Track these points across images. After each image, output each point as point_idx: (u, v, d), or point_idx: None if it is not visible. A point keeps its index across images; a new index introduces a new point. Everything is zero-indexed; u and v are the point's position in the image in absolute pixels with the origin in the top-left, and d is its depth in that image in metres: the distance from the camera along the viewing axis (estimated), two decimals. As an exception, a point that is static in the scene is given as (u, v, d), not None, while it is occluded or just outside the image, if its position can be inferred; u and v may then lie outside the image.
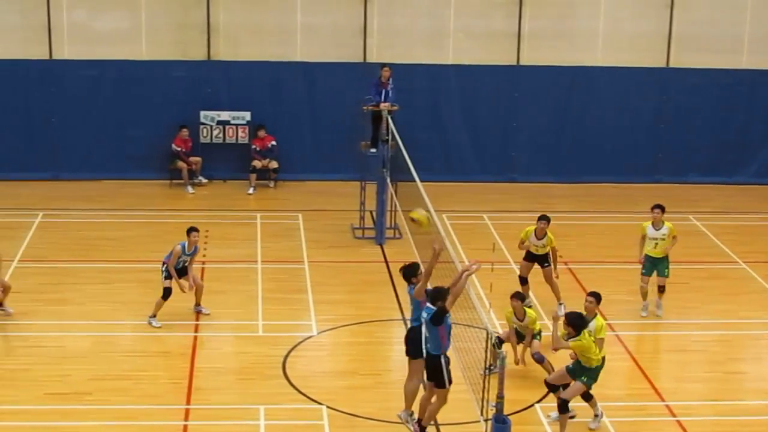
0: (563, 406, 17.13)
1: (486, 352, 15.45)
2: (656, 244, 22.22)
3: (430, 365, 15.92)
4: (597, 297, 18.72)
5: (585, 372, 17.18)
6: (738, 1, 31.01)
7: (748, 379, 20.43)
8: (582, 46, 31.05)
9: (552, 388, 17.75)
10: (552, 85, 31.00)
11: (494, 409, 14.75)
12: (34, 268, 23.70)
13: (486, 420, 15.13)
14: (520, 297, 19.59)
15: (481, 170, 30.93)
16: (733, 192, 30.75)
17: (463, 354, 17.53)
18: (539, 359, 19.07)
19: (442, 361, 15.74)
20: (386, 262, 24.86)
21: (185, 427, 17.65)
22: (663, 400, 19.07)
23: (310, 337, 21.11)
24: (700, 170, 31.00)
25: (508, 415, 14.90)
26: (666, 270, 22.36)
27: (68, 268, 23.67)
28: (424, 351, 16.01)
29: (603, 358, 17.39)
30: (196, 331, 21.14)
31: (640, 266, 22.45)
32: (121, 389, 18.76)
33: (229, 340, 20.94)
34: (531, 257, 22.28)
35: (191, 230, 21.55)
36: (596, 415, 17.79)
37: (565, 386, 17.38)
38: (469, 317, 17.73)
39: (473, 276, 17.90)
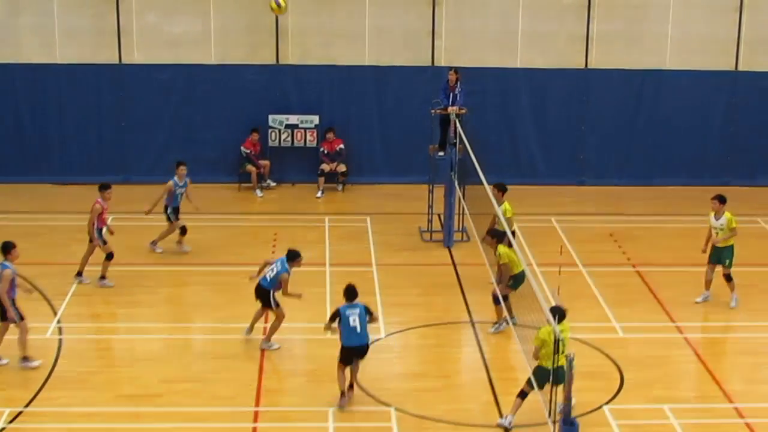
0: (497, 299, 20.88)
1: (554, 355, 15.45)
2: (717, 233, 22.76)
3: None
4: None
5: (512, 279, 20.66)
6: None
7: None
8: (651, 49, 30.93)
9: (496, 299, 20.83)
10: (621, 88, 30.92)
11: (562, 411, 14.77)
12: (108, 272, 23.88)
13: (554, 422, 15.14)
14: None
15: (551, 173, 30.92)
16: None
17: (530, 357, 17.58)
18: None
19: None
20: (454, 265, 24.91)
21: (254, 429, 17.79)
22: (731, 402, 19.00)
23: (378, 339, 21.15)
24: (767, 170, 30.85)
25: (577, 417, 14.91)
26: (727, 260, 22.75)
27: (139, 270, 23.93)
28: None
29: (523, 271, 19.72)
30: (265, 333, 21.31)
31: (702, 250, 23.12)
32: (192, 391, 18.93)
33: (297, 343, 21.05)
34: None
35: (179, 163, 25.06)
36: (496, 323, 20.94)
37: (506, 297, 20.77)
38: (536, 319, 17.77)
39: (541, 279, 17.90)
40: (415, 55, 30.48)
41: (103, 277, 23.27)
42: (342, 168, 30.15)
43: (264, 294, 20.57)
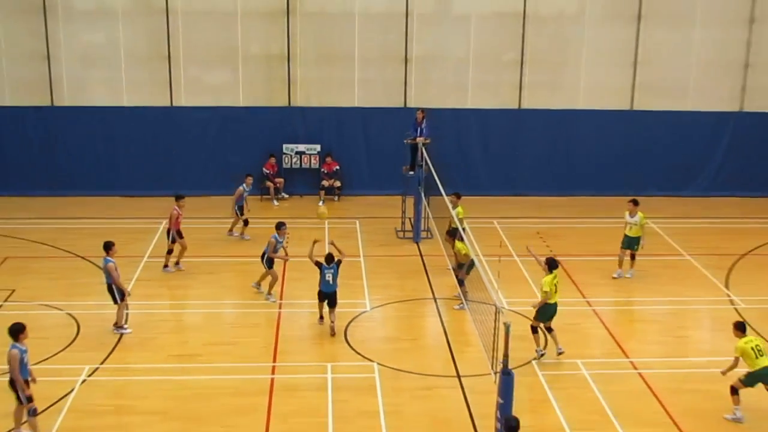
0: (461, 283, 21.12)
1: (495, 322, 15.57)
2: (630, 227, 23.32)
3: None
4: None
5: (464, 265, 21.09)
6: (684, 60, 30.82)
7: (691, 341, 20.45)
8: (568, 94, 30.93)
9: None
10: (546, 123, 30.89)
11: (502, 364, 14.87)
12: (160, 262, 23.82)
13: (495, 373, 15.24)
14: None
15: (493, 187, 30.88)
16: (681, 202, 30.61)
17: (479, 324, 17.68)
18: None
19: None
20: (421, 256, 24.97)
21: (272, 379, 17.91)
22: (628, 358, 19.14)
23: (364, 312, 21.28)
24: (656, 186, 30.85)
25: (512, 368, 15.03)
26: (636, 246, 23.46)
27: (185, 261, 23.89)
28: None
29: (473, 260, 19.76)
30: (280, 308, 21.37)
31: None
32: (225, 352, 19.06)
33: (305, 315, 21.09)
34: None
35: (247, 175, 26.50)
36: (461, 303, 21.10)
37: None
38: (482, 297, 17.86)
39: (486, 266, 17.98)
40: (392, 99, 30.47)
41: (165, 266, 23.57)
42: (338, 183, 30.19)
43: (262, 257, 21.81)
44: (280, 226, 22.10)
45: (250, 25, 29.83)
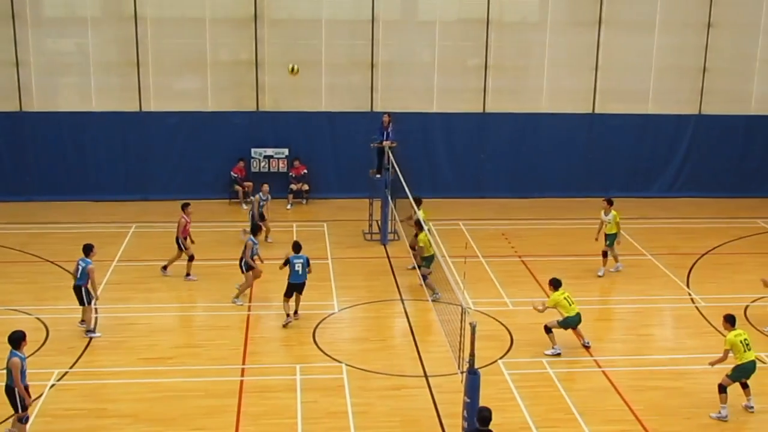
0: (425, 278, 21.70)
1: (461, 323, 15.47)
2: (606, 225, 23.68)
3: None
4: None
5: (425, 260, 21.53)
6: (644, 64, 30.96)
7: (654, 339, 20.47)
8: (531, 98, 30.96)
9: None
10: (510, 126, 30.90)
11: (468, 364, 14.78)
12: (130, 266, 23.69)
13: (462, 372, 15.15)
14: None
15: (458, 189, 30.84)
16: (643, 203, 30.71)
17: (445, 324, 17.61)
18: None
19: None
20: (388, 257, 24.86)
21: (242, 381, 17.72)
22: (592, 356, 19.11)
23: (333, 313, 21.13)
24: (618, 187, 30.90)
25: (478, 368, 14.94)
26: (608, 242, 23.75)
27: (155, 265, 23.63)
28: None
29: (433, 254, 20.74)
30: (249, 310, 21.17)
31: (596, 240, 24.09)
32: (195, 354, 18.85)
33: (273, 317, 20.92)
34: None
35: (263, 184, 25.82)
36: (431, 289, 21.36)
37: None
38: (448, 297, 17.79)
39: (452, 267, 17.85)
40: (358, 103, 30.35)
41: (188, 274, 23.01)
42: (306, 187, 30.01)
43: (241, 261, 21.58)
44: (256, 230, 22.04)
45: (218, 31, 29.60)
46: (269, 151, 30.17)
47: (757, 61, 31.33)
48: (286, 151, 30.18)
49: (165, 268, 23.19)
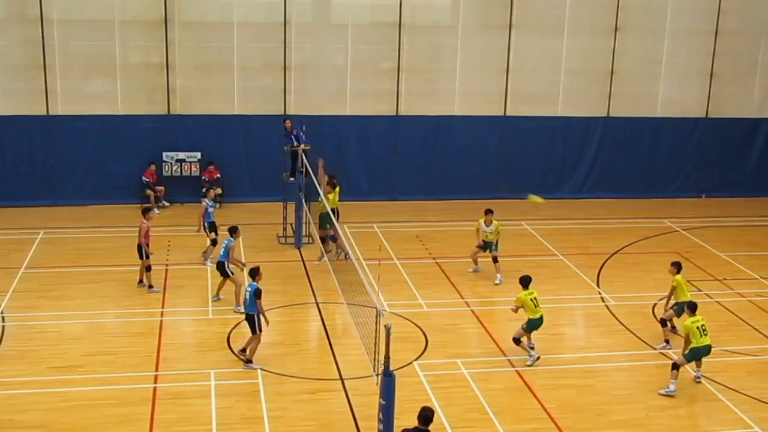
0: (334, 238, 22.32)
1: (376, 325, 15.49)
2: (487, 235, 23.76)
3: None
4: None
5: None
6: (554, 67, 31.44)
7: (565, 338, 20.77)
8: (444, 100, 31.17)
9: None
10: (422, 129, 31.06)
11: (383, 366, 14.80)
12: (38, 273, 23.19)
13: (377, 375, 15.17)
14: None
15: (372, 192, 30.89)
16: (554, 204, 31.15)
17: (360, 327, 17.61)
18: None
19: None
20: (303, 261, 24.77)
21: (155, 388, 17.48)
22: (506, 356, 19.32)
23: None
24: (529, 189, 31.17)
25: (394, 370, 14.97)
26: (494, 246, 23.91)
27: (65, 272, 23.21)
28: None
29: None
30: (162, 316, 20.90)
31: (477, 244, 24.07)
32: (107, 362, 18.51)
33: (187, 322, 20.72)
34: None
35: (209, 189, 24.95)
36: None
37: None
38: (363, 300, 17.79)
39: (367, 269, 17.88)
40: (272, 106, 30.17)
41: (146, 284, 22.31)
42: (219, 191, 29.67)
43: (220, 266, 21.26)
44: (234, 230, 21.71)
45: (128, 33, 29.13)
46: (181, 155, 29.82)
47: (663, 64, 32.12)
48: (198, 155, 29.87)
49: (146, 283, 22.38)
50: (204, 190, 25.43)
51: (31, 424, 16.07)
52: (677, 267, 20.22)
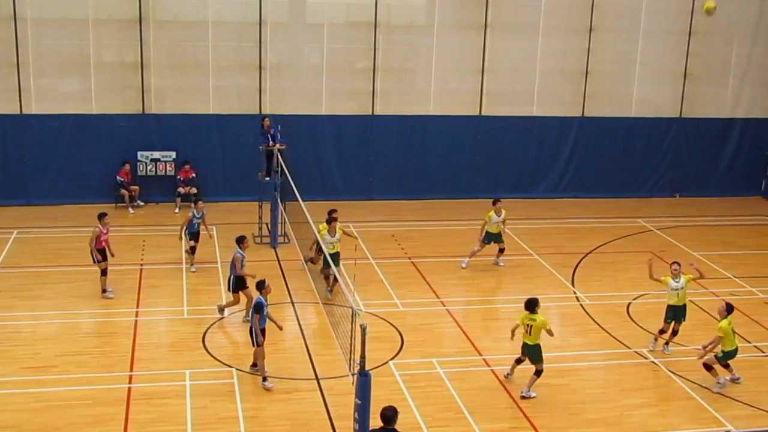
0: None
1: (352, 324, 15.50)
2: (497, 225, 24.48)
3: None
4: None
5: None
6: (529, 67, 31.55)
7: (541, 338, 20.79)
8: (419, 100, 31.21)
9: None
10: (398, 129, 31.07)
11: (359, 366, 14.80)
12: (12, 273, 23.05)
13: (353, 374, 15.17)
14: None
15: (348, 191, 30.85)
16: (529, 203, 31.28)
17: (336, 326, 17.63)
18: None
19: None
20: (279, 260, 24.74)
21: (129, 389, 17.40)
22: (481, 355, 19.38)
23: (222, 317, 20.94)
24: (505, 188, 31.40)
25: (369, 369, 14.98)
26: (496, 239, 24.77)
27: (40, 272, 23.08)
28: None
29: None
30: (137, 316, 20.81)
31: (480, 239, 24.60)
32: (81, 362, 18.41)
33: (162, 322, 20.63)
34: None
35: (196, 200, 23.92)
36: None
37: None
38: (339, 299, 17.81)
39: (342, 268, 17.83)
40: (247, 106, 30.09)
41: (104, 290, 21.84)
42: (194, 190, 29.60)
43: (229, 281, 20.53)
44: (242, 240, 20.63)
45: (102, 32, 28.94)
46: (156, 154, 29.70)
47: (637, 64, 32.31)
48: (173, 154, 29.74)
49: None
50: (193, 203, 24.65)
51: (4, 425, 15.96)
52: (728, 310, 18.02)
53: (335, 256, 21.08)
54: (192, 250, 23.81)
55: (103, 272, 21.87)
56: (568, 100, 32.10)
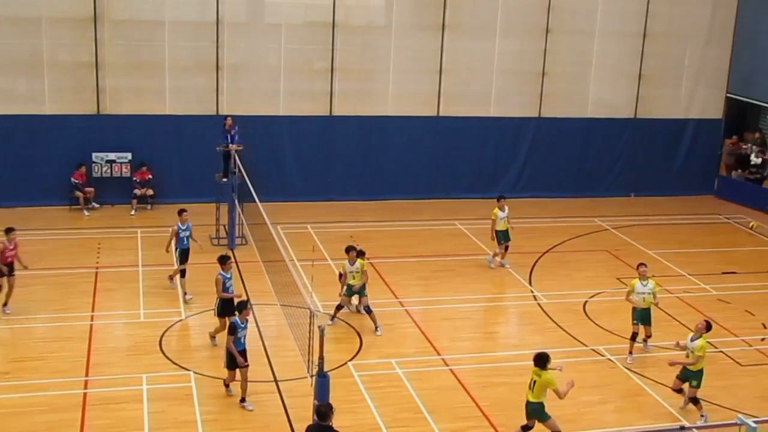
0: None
1: (310, 326, 15.42)
2: (505, 221, 25.07)
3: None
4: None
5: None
6: (486, 68, 31.63)
7: (499, 336, 20.97)
8: (378, 101, 31.16)
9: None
10: (357, 129, 31.00)
11: (317, 367, 14.74)
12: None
13: (312, 376, 15.10)
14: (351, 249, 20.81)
15: (306, 192, 30.73)
16: (487, 203, 31.16)
17: (294, 328, 17.53)
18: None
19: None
20: (236, 262, 24.49)
21: (85, 394, 17.19)
22: (440, 355, 19.39)
23: (179, 320, 20.75)
24: (463, 189, 31.49)
25: (328, 371, 14.92)
26: (507, 238, 25.32)
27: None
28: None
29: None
30: (92, 320, 20.54)
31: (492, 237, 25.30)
32: (35, 368, 18.14)
33: (118, 326, 20.40)
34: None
35: (180, 212, 22.36)
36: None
37: None
38: (297, 301, 17.71)
39: (300, 270, 17.70)
40: (204, 106, 29.85)
41: (5, 304, 20.93)
42: (150, 192, 29.33)
43: (215, 305, 19.41)
44: (224, 260, 19.26)
45: (56, 31, 28.54)
46: (111, 156, 29.36)
47: (593, 66, 32.54)
48: (129, 156, 29.43)
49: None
50: (178, 215, 22.81)
51: (-43, 432, 15.72)
52: (707, 328, 17.36)
53: (357, 287, 20.70)
54: (182, 274, 22.30)
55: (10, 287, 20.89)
56: (525, 100, 32.22)
